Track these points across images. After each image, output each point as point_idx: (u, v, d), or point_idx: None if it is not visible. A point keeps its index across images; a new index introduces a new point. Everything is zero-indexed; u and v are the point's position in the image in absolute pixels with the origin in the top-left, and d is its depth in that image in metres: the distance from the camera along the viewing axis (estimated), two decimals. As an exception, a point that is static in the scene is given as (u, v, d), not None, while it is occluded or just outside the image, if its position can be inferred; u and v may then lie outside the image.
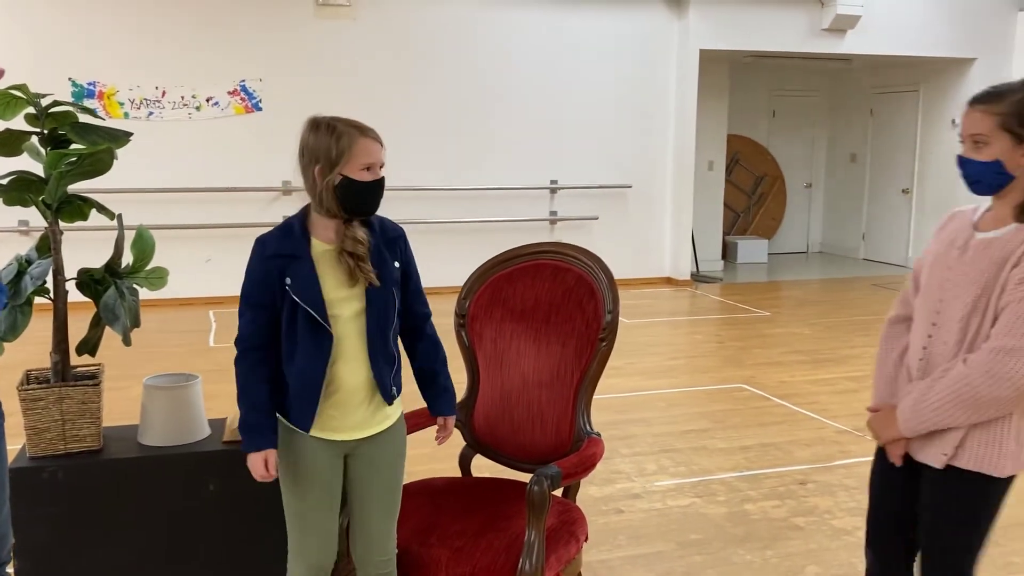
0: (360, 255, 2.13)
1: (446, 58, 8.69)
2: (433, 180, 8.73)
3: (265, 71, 8.16)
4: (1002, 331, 1.95)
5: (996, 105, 1.99)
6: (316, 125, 2.14)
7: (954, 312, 2.06)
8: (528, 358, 2.80)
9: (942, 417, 2.01)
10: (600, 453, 2.56)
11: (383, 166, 2.18)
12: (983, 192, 2.05)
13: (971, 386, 1.96)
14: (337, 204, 2.10)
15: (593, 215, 9.31)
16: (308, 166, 2.12)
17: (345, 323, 2.14)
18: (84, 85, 7.67)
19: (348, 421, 2.19)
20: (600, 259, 2.82)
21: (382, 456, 2.27)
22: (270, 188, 8.27)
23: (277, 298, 2.10)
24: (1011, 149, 1.99)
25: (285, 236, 2.15)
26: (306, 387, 2.13)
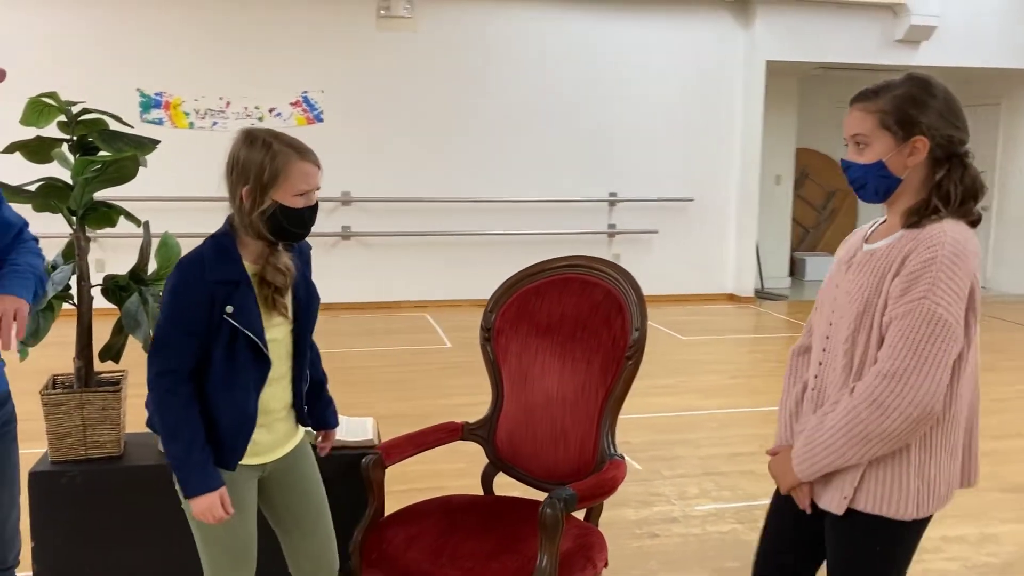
0: (279, 286, 2.02)
1: (506, 69, 8.67)
2: (490, 191, 8.71)
3: (326, 83, 8.26)
4: (886, 353, 1.71)
5: (875, 102, 1.81)
6: (251, 139, 1.94)
7: (840, 334, 1.86)
8: (552, 375, 2.72)
9: (835, 457, 1.78)
10: (620, 476, 2.46)
11: (319, 189, 2.04)
12: (870, 198, 1.86)
13: (858, 420, 1.72)
14: (264, 229, 1.97)
15: (653, 228, 9.16)
16: (236, 184, 1.95)
17: (275, 347, 2.06)
18: (152, 95, 7.86)
19: (267, 443, 2.12)
20: (629, 274, 2.73)
21: (301, 470, 2.22)
22: (330, 199, 8.36)
23: (212, 326, 1.93)
24: (893, 149, 1.80)
25: (223, 260, 1.97)
26: (241, 420, 2.01)
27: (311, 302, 2.14)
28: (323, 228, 8.39)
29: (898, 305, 1.71)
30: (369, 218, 8.51)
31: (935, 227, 1.75)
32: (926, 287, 1.68)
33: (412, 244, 8.62)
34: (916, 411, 1.67)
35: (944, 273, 1.68)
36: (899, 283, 1.72)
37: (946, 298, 1.67)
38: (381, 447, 2.59)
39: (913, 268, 1.71)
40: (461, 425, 2.83)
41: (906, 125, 1.78)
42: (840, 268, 1.95)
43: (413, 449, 2.68)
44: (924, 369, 1.67)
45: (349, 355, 6.68)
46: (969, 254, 1.71)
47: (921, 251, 1.71)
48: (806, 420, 1.93)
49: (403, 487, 3.94)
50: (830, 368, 1.89)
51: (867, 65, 9.49)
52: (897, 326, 1.70)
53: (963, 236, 1.74)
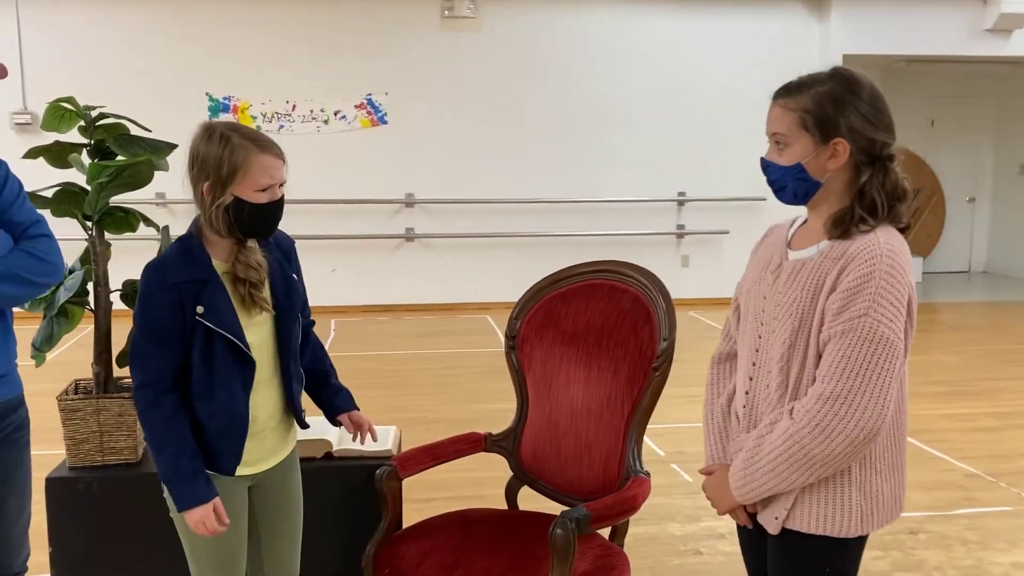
0: (254, 282, 1.93)
1: (572, 67, 8.54)
2: (555, 192, 8.59)
3: (391, 85, 8.26)
4: (827, 373, 1.60)
5: (796, 99, 1.68)
6: (209, 133, 1.88)
7: (773, 351, 1.73)
8: (577, 385, 2.60)
9: (777, 481, 1.67)
10: (642, 496, 2.32)
11: (284, 184, 1.95)
12: (789, 200, 1.74)
13: (800, 444, 1.62)
14: (227, 226, 1.90)
15: (723, 229, 8.90)
16: (197, 180, 1.89)
17: (258, 349, 1.97)
18: (220, 100, 8.00)
19: (261, 452, 2.05)
20: (659, 280, 2.60)
21: (286, 483, 2.15)
22: (394, 200, 8.37)
23: (186, 331, 1.88)
24: (813, 151, 1.67)
25: (187, 259, 1.91)
26: (232, 424, 1.95)
27: (291, 297, 2.06)
28: (386, 230, 8.40)
29: (836, 323, 1.61)
30: (432, 220, 8.49)
31: (868, 238, 1.63)
32: (866, 304, 1.58)
33: (476, 246, 8.57)
34: (862, 434, 1.58)
35: (884, 288, 1.58)
36: (836, 300, 1.61)
37: (887, 314, 1.58)
38: (396, 459, 2.51)
39: (851, 284, 1.60)
40: (484, 436, 2.74)
41: (826, 126, 1.66)
42: (764, 276, 1.81)
43: (431, 461, 2.59)
44: (868, 390, 1.57)
45: (403, 357, 6.65)
46: (904, 264, 1.62)
47: (858, 265, 1.60)
48: (741, 439, 1.81)
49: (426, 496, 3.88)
50: (762, 385, 1.77)
51: (955, 57, 9.03)
52: (837, 345, 1.60)
53: (898, 246, 1.63)
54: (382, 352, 6.81)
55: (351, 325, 7.86)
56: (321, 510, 2.61)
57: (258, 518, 2.13)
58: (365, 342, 7.19)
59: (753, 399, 1.79)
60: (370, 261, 8.44)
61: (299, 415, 2.12)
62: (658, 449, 4.57)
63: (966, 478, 4.26)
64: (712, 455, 1.92)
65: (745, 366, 1.83)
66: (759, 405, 1.77)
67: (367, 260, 8.43)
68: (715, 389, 1.97)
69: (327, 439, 2.64)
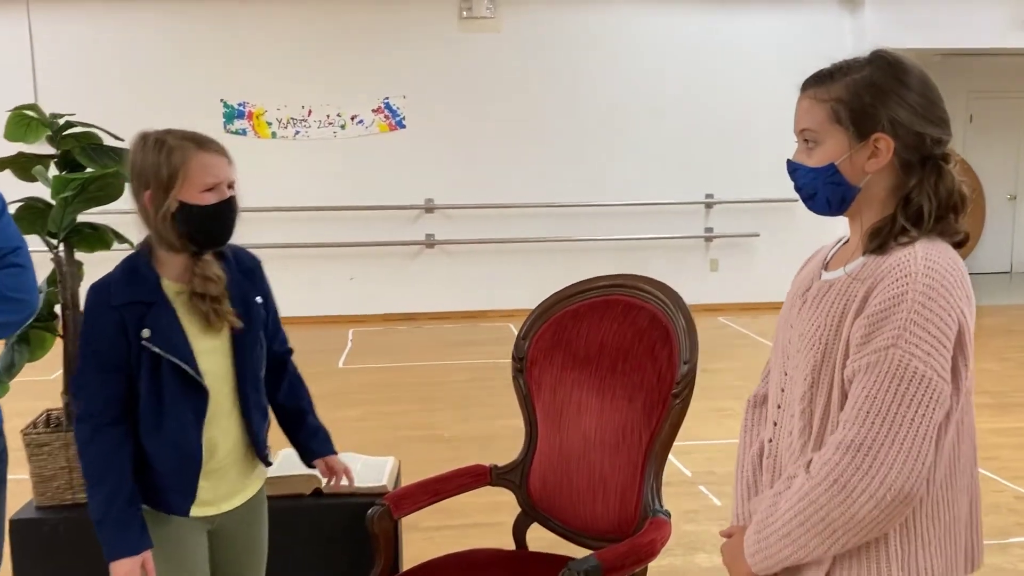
0: (214, 295, 1.76)
1: (593, 67, 8.28)
2: (579, 196, 8.34)
3: (409, 88, 8.06)
4: (849, 418, 1.30)
5: (827, 88, 1.41)
6: (143, 140, 1.76)
7: (796, 390, 1.43)
8: (590, 414, 2.36)
9: (793, 549, 1.36)
10: (661, 540, 2.08)
11: (233, 184, 1.80)
12: (821, 210, 1.47)
13: (817, 505, 1.31)
14: (178, 236, 1.74)
15: (754, 232, 8.59)
16: (138, 192, 1.75)
17: (214, 377, 1.78)
18: (235, 106, 7.84)
19: (220, 491, 1.85)
20: (678, 295, 2.34)
21: (251, 528, 1.95)
22: (413, 206, 8.16)
23: (132, 357, 1.72)
24: (848, 150, 1.38)
25: (132, 279, 1.76)
26: (183, 459, 1.77)
27: (252, 319, 1.87)
28: (405, 236, 8.20)
29: (860, 355, 1.31)
30: (453, 225, 8.27)
31: (904, 252, 1.33)
32: (895, 332, 1.28)
33: (497, 251, 8.34)
34: (890, 494, 1.26)
35: (918, 313, 1.27)
36: (861, 327, 1.31)
37: (923, 346, 1.27)
38: (390, 497, 2.29)
39: (878, 307, 1.30)
40: (489, 468, 2.50)
41: (864, 120, 1.37)
42: (794, 303, 1.52)
43: (428, 498, 2.36)
44: (898, 440, 1.26)
45: (422, 369, 6.44)
46: (951, 284, 1.30)
47: (888, 284, 1.31)
48: (758, 499, 1.53)
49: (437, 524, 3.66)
50: (785, 431, 1.48)
51: (993, 50, 8.68)
52: (860, 383, 1.30)
53: (942, 261, 1.32)
54: (400, 364, 6.60)
55: (369, 335, 7.66)
56: (310, 552, 2.40)
57: (219, 566, 1.93)
58: (383, 353, 6.99)
59: (776, 448, 1.51)
60: (389, 268, 8.24)
61: (262, 451, 1.92)
62: (684, 469, 4.30)
63: (1019, 500, 3.95)
64: (736, 514, 1.63)
65: (771, 410, 1.55)
66: (782, 455, 1.49)
67: (386, 267, 8.23)
68: (748, 437, 1.67)
69: (316, 475, 2.42)
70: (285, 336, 2.07)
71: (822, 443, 1.38)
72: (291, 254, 8.02)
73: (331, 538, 2.39)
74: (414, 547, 3.47)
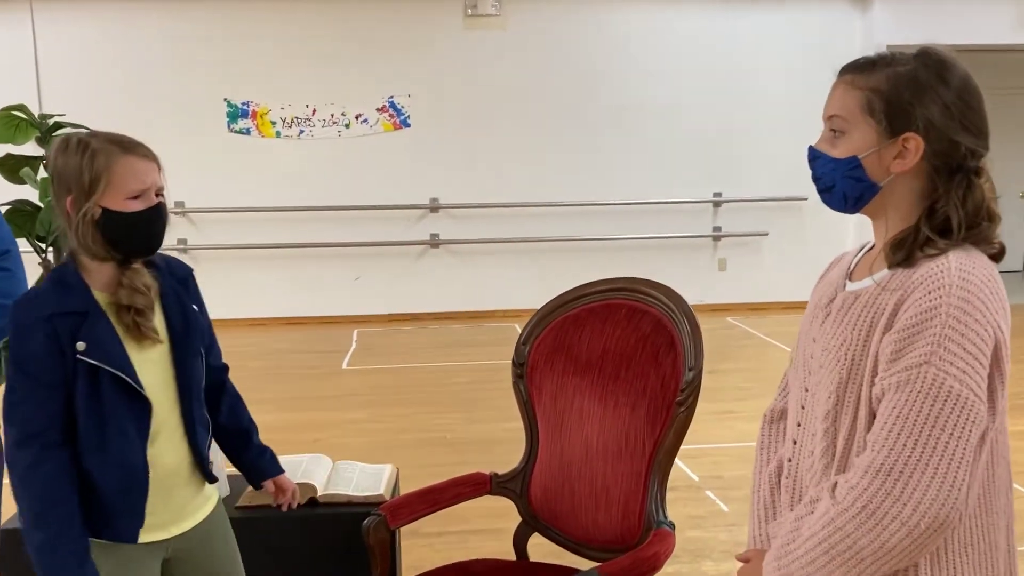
0: (140, 308, 1.67)
1: (601, 65, 8.20)
2: (585, 195, 8.26)
3: (413, 87, 8.00)
4: (878, 440, 1.22)
5: (866, 77, 1.32)
6: (65, 144, 1.66)
7: (818, 407, 1.35)
8: (592, 421, 2.29)
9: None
10: (665, 553, 2.01)
11: (161, 191, 1.71)
12: (837, 204, 1.40)
13: (844, 532, 1.22)
14: (102, 244, 1.64)
15: (762, 231, 8.50)
16: (59, 198, 1.65)
17: (155, 390, 1.70)
18: (239, 105, 7.79)
19: (166, 515, 1.75)
20: (683, 300, 2.27)
21: (211, 550, 1.85)
22: (418, 205, 8.10)
23: (68, 373, 1.62)
24: (875, 143, 1.31)
25: (61, 289, 1.65)
26: (130, 479, 1.66)
27: (191, 329, 1.78)
28: (410, 236, 8.14)
29: (891, 373, 1.23)
30: (458, 225, 8.21)
31: (936, 263, 1.25)
32: (928, 348, 1.20)
33: (503, 251, 8.27)
34: (924, 521, 1.18)
35: (953, 328, 1.20)
36: (891, 342, 1.23)
37: (958, 363, 1.20)
38: (386, 507, 2.22)
39: (909, 321, 1.23)
40: (489, 477, 2.44)
41: (898, 116, 1.29)
42: (817, 315, 1.43)
43: (426, 508, 2.30)
44: (932, 464, 1.18)
45: (426, 371, 6.38)
46: (987, 297, 1.23)
47: (919, 297, 1.23)
48: (778, 522, 1.44)
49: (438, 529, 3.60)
50: (806, 451, 1.40)
51: (1005, 46, 8.57)
52: (891, 402, 1.22)
53: (978, 272, 1.24)
54: (404, 365, 6.54)
55: (374, 335, 7.61)
56: (305, 563, 2.34)
57: None
58: (387, 354, 6.93)
59: (796, 468, 1.43)
60: (394, 268, 8.18)
61: (205, 467, 1.83)
62: (691, 473, 4.23)
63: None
64: (753, 537, 1.55)
65: (791, 428, 1.47)
66: (802, 476, 1.41)
67: (391, 267, 8.17)
68: (764, 455, 1.58)
69: (311, 483, 2.36)
70: (219, 351, 1.96)
71: (847, 465, 1.30)
72: (295, 254, 7.97)
73: (327, 548, 2.34)
74: (414, 553, 3.41)
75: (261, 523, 2.20)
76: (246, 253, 7.94)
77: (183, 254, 7.86)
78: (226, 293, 7.87)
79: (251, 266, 7.95)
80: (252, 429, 2.00)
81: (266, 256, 7.94)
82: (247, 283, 7.93)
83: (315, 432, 4.88)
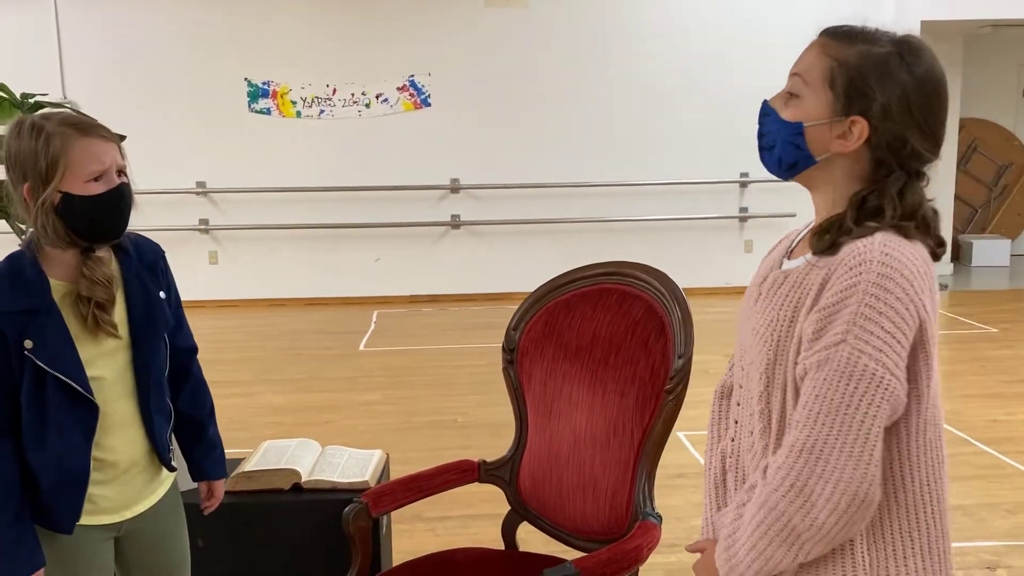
0: (100, 301, 1.62)
1: (624, 43, 8.07)
2: (608, 175, 8.16)
3: (434, 65, 7.93)
4: (801, 419, 1.21)
5: (840, 46, 1.27)
6: (19, 128, 1.60)
7: (752, 388, 1.34)
8: (581, 408, 2.23)
9: (762, 562, 1.25)
10: (648, 545, 1.95)
11: (123, 171, 1.65)
12: (771, 166, 1.36)
13: (777, 512, 1.22)
14: (64, 231, 1.59)
15: (789, 212, 8.32)
16: (16, 184, 1.60)
17: (111, 385, 1.66)
18: (259, 85, 7.78)
19: (119, 500, 1.73)
20: (675, 284, 2.19)
21: (162, 528, 1.83)
22: (439, 186, 8.05)
23: (13, 368, 1.59)
24: (826, 116, 1.26)
25: (15, 283, 1.60)
26: (68, 479, 1.63)
27: (154, 320, 1.73)
28: (431, 217, 8.10)
29: (812, 352, 1.21)
30: (479, 206, 8.15)
31: (862, 241, 1.21)
32: (845, 327, 1.18)
33: (525, 232, 8.20)
34: (845, 498, 1.18)
35: (870, 306, 1.17)
36: (812, 322, 1.21)
37: (874, 341, 1.17)
38: (369, 494, 2.18)
39: (830, 300, 1.20)
40: (477, 464, 2.39)
41: (856, 95, 1.24)
42: (751, 294, 1.42)
43: (411, 496, 2.25)
44: (848, 443, 1.18)
45: (444, 353, 6.35)
46: (911, 275, 1.18)
47: (841, 274, 1.20)
48: (723, 511, 1.41)
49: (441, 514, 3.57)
50: (745, 431, 1.39)
51: (1045, 20, 8.28)
52: (811, 382, 1.21)
53: (904, 251, 1.20)
54: (422, 347, 6.52)
55: (394, 317, 7.59)
56: (288, 550, 2.31)
57: (130, 570, 1.84)
58: (406, 335, 6.91)
59: (737, 449, 1.42)
60: (415, 249, 8.15)
61: (164, 457, 1.79)
62: (702, 460, 4.15)
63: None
64: (706, 520, 1.51)
65: (732, 407, 1.47)
66: (742, 456, 1.40)
67: (411, 248, 8.14)
68: (716, 431, 1.55)
69: (295, 469, 2.33)
70: (190, 331, 1.91)
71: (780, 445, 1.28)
72: (316, 235, 7.97)
73: (310, 534, 2.30)
74: (416, 538, 3.39)
75: (244, 509, 2.18)
76: (267, 233, 7.95)
77: (204, 234, 7.89)
78: (246, 273, 7.90)
79: (272, 246, 7.97)
80: (209, 422, 1.95)
81: (287, 236, 7.95)
82: (267, 264, 7.95)
83: (327, 413, 4.87)
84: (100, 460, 1.67)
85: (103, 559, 1.74)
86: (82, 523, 1.68)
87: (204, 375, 1.97)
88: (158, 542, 1.83)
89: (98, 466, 1.67)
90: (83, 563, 1.70)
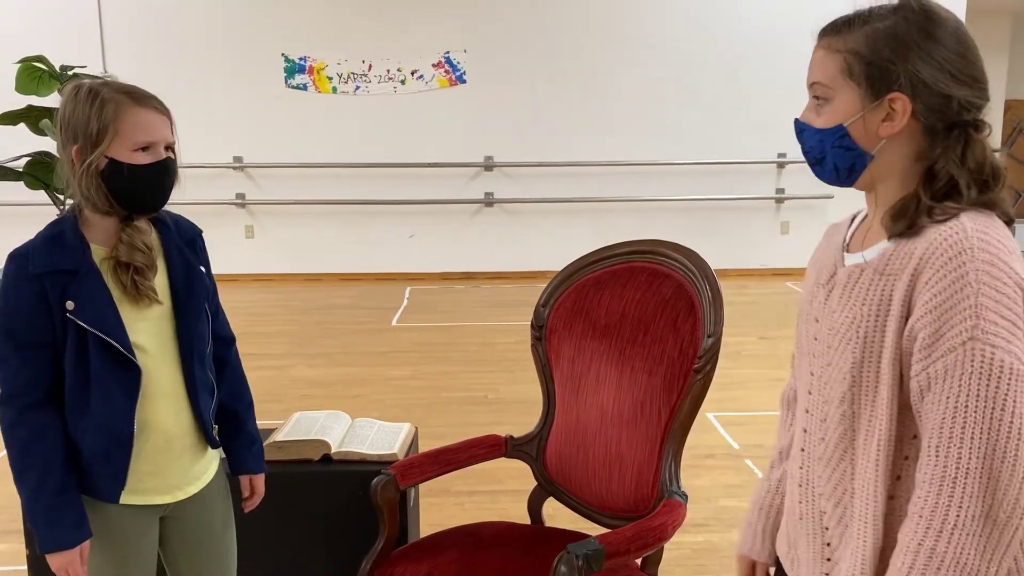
0: (139, 267, 1.63)
1: (660, 21, 7.98)
2: (644, 154, 8.10)
3: (469, 42, 7.91)
4: (943, 443, 1.08)
5: (843, 38, 1.22)
6: (76, 91, 1.61)
7: (830, 392, 1.23)
8: (608, 386, 2.23)
9: None
10: (674, 524, 1.95)
11: (171, 146, 1.66)
12: (829, 178, 1.29)
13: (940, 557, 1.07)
14: (106, 197, 1.60)
15: (827, 193, 8.21)
16: (65, 146, 1.61)
17: (154, 352, 1.66)
18: (296, 60, 7.81)
19: (166, 479, 1.72)
20: (707, 265, 2.18)
21: (207, 515, 1.82)
22: (472, 164, 8.05)
23: (57, 332, 1.59)
24: (860, 108, 1.20)
25: (55, 245, 1.60)
26: (112, 443, 1.63)
27: (195, 289, 1.74)
28: (464, 195, 8.11)
29: (932, 359, 1.10)
30: (513, 184, 8.14)
31: (949, 227, 1.12)
32: (968, 321, 1.08)
33: (558, 211, 8.19)
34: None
35: (987, 296, 1.08)
36: (924, 324, 1.10)
37: (1003, 332, 1.07)
38: (397, 466, 2.20)
39: (937, 296, 1.10)
40: (505, 439, 2.40)
41: (879, 76, 1.18)
42: (817, 293, 1.31)
43: (438, 469, 2.27)
44: (1010, 450, 1.06)
45: (476, 330, 6.37)
46: (1009, 257, 1.10)
47: (940, 267, 1.10)
48: (792, 526, 1.35)
49: (470, 488, 3.60)
50: (816, 439, 1.29)
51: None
52: (942, 393, 1.09)
53: (995, 232, 1.12)
54: (453, 324, 6.55)
55: (427, 293, 7.63)
56: (316, 520, 2.35)
57: (175, 559, 1.84)
58: (437, 311, 6.94)
59: (808, 459, 1.31)
60: (448, 227, 8.17)
61: (208, 432, 1.78)
62: (732, 441, 4.14)
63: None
64: (747, 538, 1.48)
65: (800, 414, 1.36)
66: (814, 467, 1.29)
67: (445, 225, 8.17)
68: (785, 437, 1.50)
69: (325, 440, 2.36)
70: (226, 320, 1.92)
71: (869, 452, 1.20)
72: (350, 210, 8.02)
73: (339, 505, 2.33)
74: (445, 511, 3.42)
75: (274, 478, 2.20)
76: (302, 209, 8.01)
77: (241, 208, 7.97)
78: (281, 248, 7.97)
79: (307, 222, 8.03)
80: (248, 415, 1.94)
81: (322, 212, 8.00)
82: (303, 239, 8.02)
83: (357, 388, 4.91)
84: (144, 429, 1.67)
85: (148, 540, 1.75)
86: (128, 502, 1.68)
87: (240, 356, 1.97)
88: (205, 531, 1.83)
89: (142, 436, 1.67)
90: (128, 542, 1.71)
